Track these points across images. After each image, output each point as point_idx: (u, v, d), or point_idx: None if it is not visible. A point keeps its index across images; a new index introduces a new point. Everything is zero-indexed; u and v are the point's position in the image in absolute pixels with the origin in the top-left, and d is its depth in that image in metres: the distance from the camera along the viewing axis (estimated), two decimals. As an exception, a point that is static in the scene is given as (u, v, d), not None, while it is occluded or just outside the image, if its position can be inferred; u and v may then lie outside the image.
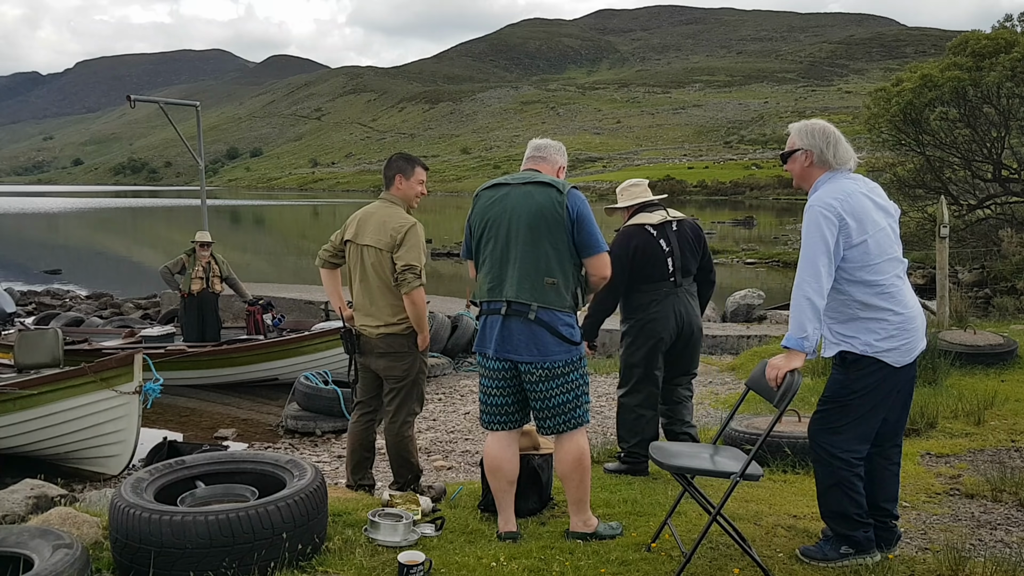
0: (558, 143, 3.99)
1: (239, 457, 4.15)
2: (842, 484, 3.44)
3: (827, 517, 3.56)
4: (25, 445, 6.68)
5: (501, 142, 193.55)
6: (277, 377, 9.40)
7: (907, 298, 3.43)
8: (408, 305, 4.43)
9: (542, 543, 3.76)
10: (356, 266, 4.58)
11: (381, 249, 4.45)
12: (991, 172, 19.64)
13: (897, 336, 3.37)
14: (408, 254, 4.40)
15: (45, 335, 8.62)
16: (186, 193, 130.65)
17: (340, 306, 4.75)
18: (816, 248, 3.31)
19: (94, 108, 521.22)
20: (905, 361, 3.41)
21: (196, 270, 10.23)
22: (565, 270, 3.66)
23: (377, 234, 4.48)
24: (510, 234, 3.69)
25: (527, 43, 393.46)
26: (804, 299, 3.30)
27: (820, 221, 3.32)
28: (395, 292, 4.46)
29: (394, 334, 4.49)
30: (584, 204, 3.70)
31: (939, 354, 7.20)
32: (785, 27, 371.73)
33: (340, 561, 3.55)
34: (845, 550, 3.47)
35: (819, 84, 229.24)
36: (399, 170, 4.67)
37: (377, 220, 4.53)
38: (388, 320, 4.49)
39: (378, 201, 4.69)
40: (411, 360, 4.54)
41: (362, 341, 4.59)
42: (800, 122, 3.63)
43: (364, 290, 4.55)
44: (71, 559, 3.08)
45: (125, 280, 23.96)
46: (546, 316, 3.62)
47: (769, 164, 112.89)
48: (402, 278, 4.39)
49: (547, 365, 3.64)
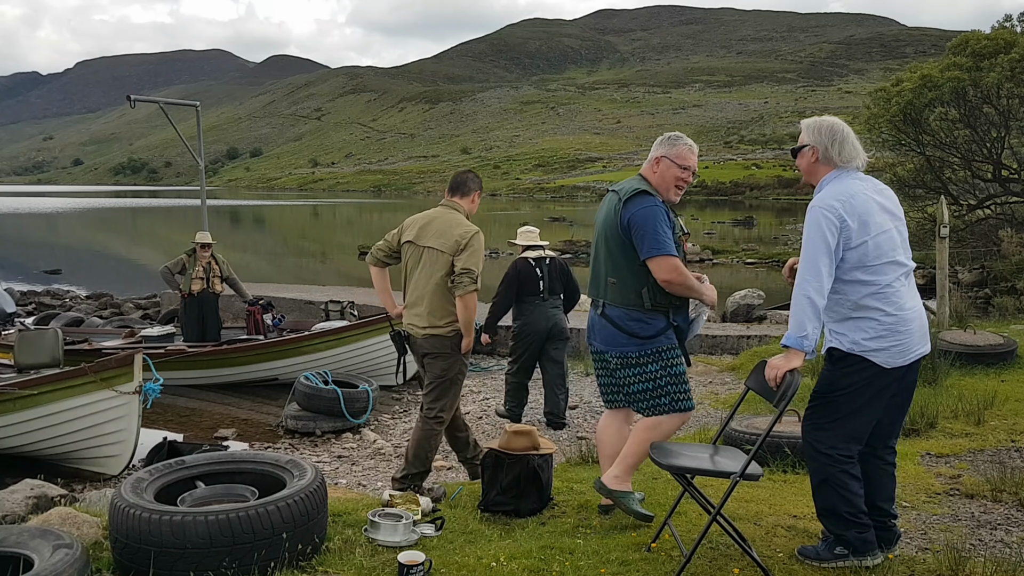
0: (674, 133, 4.08)
1: (239, 457, 4.15)
2: (830, 481, 3.44)
3: (820, 515, 3.56)
4: (25, 445, 6.67)
5: (501, 142, 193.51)
6: (277, 377, 9.39)
7: (905, 301, 3.40)
8: (460, 307, 4.60)
9: (542, 543, 3.76)
10: (414, 266, 4.76)
11: (443, 252, 4.64)
12: (991, 172, 19.65)
13: (887, 337, 3.36)
14: (469, 259, 4.61)
15: (45, 335, 8.62)
16: (186, 193, 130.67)
17: (390, 304, 4.99)
18: (817, 248, 3.31)
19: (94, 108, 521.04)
20: (897, 363, 3.38)
21: (196, 270, 10.22)
22: (625, 271, 3.86)
23: (440, 237, 4.67)
24: (596, 235, 4.09)
25: (527, 43, 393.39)
26: (805, 298, 3.30)
27: (821, 222, 3.32)
28: (448, 295, 4.63)
29: (439, 335, 4.68)
30: (640, 210, 3.78)
31: (939, 354, 7.20)
32: (785, 27, 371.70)
33: (340, 561, 3.55)
34: (840, 551, 3.46)
35: (819, 84, 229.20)
36: (478, 187, 4.98)
37: (440, 224, 4.73)
38: (435, 323, 4.67)
39: (440, 208, 4.86)
40: (452, 360, 4.72)
41: (410, 340, 4.80)
42: (812, 118, 3.61)
43: (419, 290, 4.72)
44: (71, 559, 3.08)
45: (125, 280, 23.96)
46: (612, 311, 3.91)
47: (769, 164, 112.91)
48: (459, 281, 4.58)
49: (618, 354, 3.91)
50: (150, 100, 13.57)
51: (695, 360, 9.54)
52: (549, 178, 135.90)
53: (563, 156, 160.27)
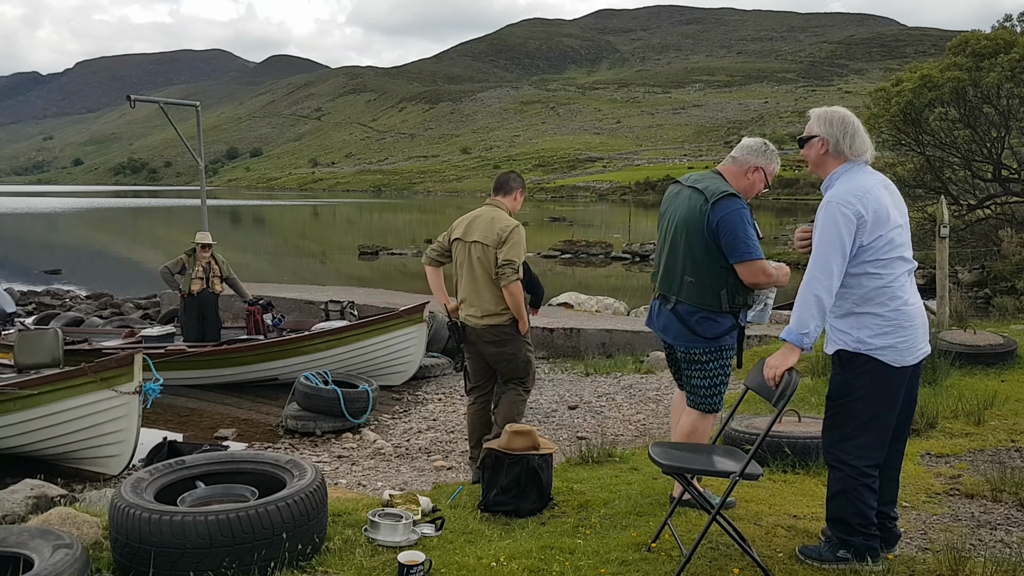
0: (761, 144, 4.11)
1: (239, 457, 4.15)
2: (849, 492, 3.40)
3: (829, 520, 3.54)
4: (25, 445, 6.67)
5: (501, 142, 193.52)
6: (277, 377, 9.39)
7: (908, 296, 3.38)
8: (507, 296, 4.96)
9: (542, 543, 3.76)
10: (464, 262, 5.10)
11: (488, 245, 5.00)
12: (991, 172, 19.64)
13: (892, 333, 3.33)
14: (510, 251, 4.95)
15: (45, 335, 8.61)
16: (186, 193, 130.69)
17: (444, 300, 5.30)
18: (831, 246, 3.26)
19: (94, 108, 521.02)
20: (905, 361, 3.36)
21: (196, 270, 10.22)
22: (703, 272, 3.89)
23: (485, 232, 5.03)
24: (668, 231, 4.06)
25: (527, 43, 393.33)
26: (812, 296, 3.27)
27: (838, 219, 3.26)
28: (495, 285, 4.99)
29: (497, 324, 5.03)
30: (731, 214, 3.81)
31: (939, 354, 7.19)
32: (785, 27, 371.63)
33: (340, 561, 3.55)
34: (842, 554, 3.45)
35: (819, 84, 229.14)
36: (520, 185, 5.37)
37: (484, 220, 5.09)
38: (491, 311, 5.02)
39: (485, 206, 5.23)
40: (516, 344, 5.10)
41: (468, 331, 5.12)
42: (821, 108, 3.56)
43: (471, 283, 5.07)
44: (71, 559, 3.08)
45: (125, 280, 23.96)
46: (683, 309, 3.97)
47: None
48: (502, 272, 4.93)
49: (685, 349, 4.01)
50: (150, 100, 13.56)
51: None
52: (549, 178, 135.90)
53: (563, 156, 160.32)
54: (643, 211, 65.71)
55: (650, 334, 10.41)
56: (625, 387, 8.59)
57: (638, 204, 79.64)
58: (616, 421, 7.33)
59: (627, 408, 7.74)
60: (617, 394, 8.29)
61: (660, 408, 7.59)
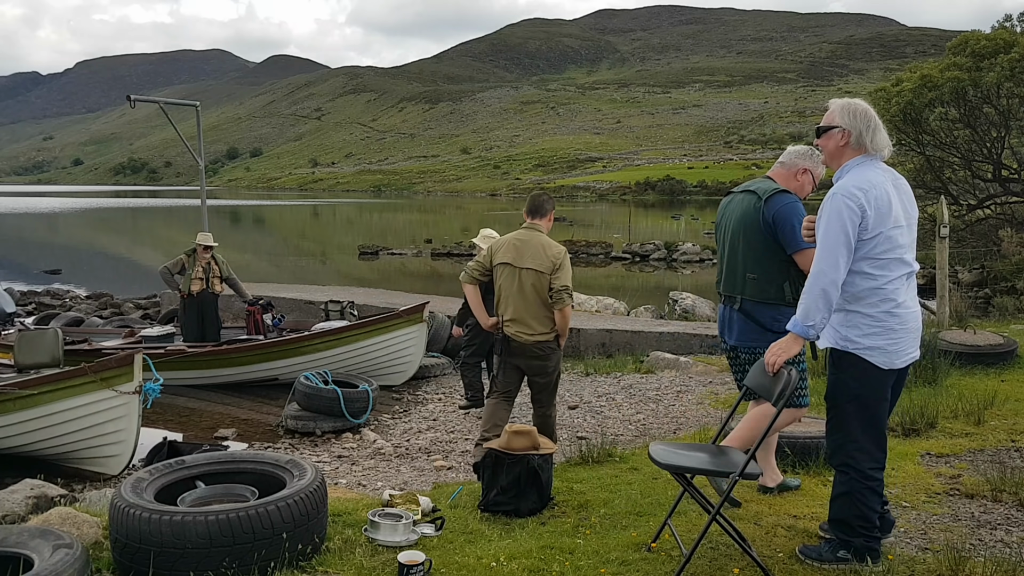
0: (808, 149, 4.31)
1: (239, 457, 4.15)
2: (854, 495, 3.41)
3: (832, 520, 3.54)
4: (25, 445, 6.67)
5: (501, 142, 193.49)
6: (277, 377, 9.39)
7: (902, 299, 3.36)
8: (559, 317, 5.33)
9: (542, 543, 3.76)
10: (513, 285, 5.38)
11: (542, 272, 5.29)
12: (991, 172, 19.64)
13: (880, 334, 3.32)
14: (564, 276, 5.31)
15: (45, 335, 8.61)
16: (186, 193, 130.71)
17: (484, 317, 5.62)
18: (837, 239, 3.26)
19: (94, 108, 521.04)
20: (893, 364, 3.36)
21: (196, 271, 10.21)
22: (767, 266, 4.08)
23: (538, 259, 5.32)
24: (725, 235, 4.32)
25: (527, 43, 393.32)
26: (820, 289, 3.27)
27: (843, 211, 3.26)
28: (547, 307, 5.33)
29: (543, 340, 5.39)
30: (784, 208, 4.02)
31: (939, 354, 7.19)
32: (785, 27, 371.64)
33: (340, 561, 3.55)
34: (843, 555, 3.45)
35: (819, 84, 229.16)
36: (552, 207, 5.68)
37: (534, 246, 5.37)
38: (541, 330, 5.37)
39: (525, 229, 5.50)
40: (556, 357, 5.50)
41: (513, 345, 5.43)
42: (843, 99, 3.53)
43: (522, 304, 5.36)
44: (71, 559, 3.08)
45: (125, 280, 23.96)
46: (750, 306, 4.14)
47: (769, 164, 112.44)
48: (557, 296, 5.27)
49: (748, 349, 4.16)
50: (150, 100, 13.55)
51: (694, 360, 9.54)
52: (549, 178, 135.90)
53: (563, 156, 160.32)
54: (643, 211, 65.78)
55: (650, 334, 10.42)
56: (625, 387, 8.59)
57: (638, 204, 79.69)
58: (616, 421, 7.33)
59: (627, 408, 7.73)
60: (617, 394, 8.29)
61: (660, 408, 7.59)
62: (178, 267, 10.28)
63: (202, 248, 10.27)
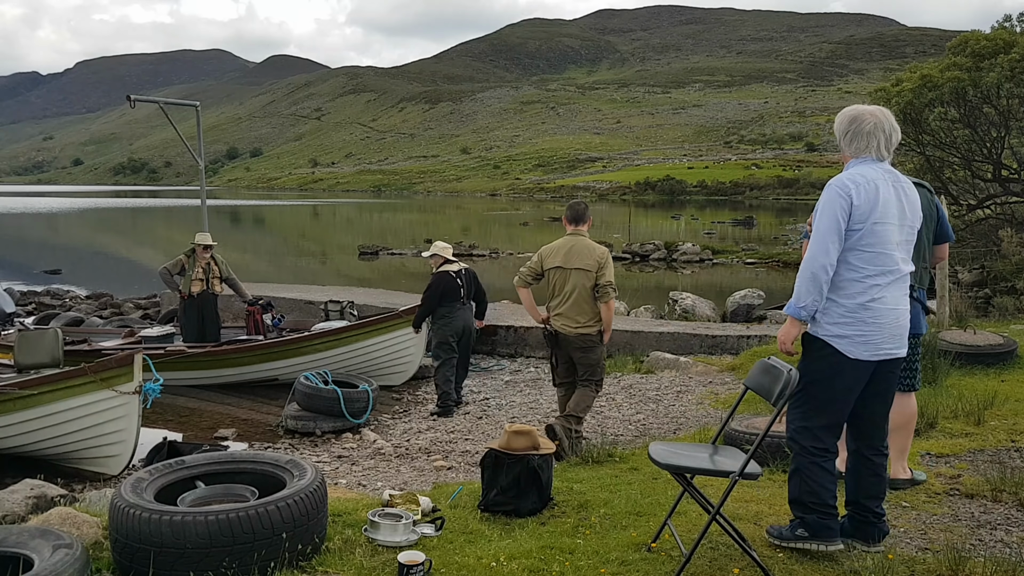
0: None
1: (239, 457, 4.15)
2: (801, 471, 3.55)
3: (789, 500, 3.68)
4: (25, 445, 6.67)
5: (501, 142, 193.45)
6: (277, 377, 9.39)
7: (881, 295, 3.43)
8: (604, 311, 5.93)
9: (542, 543, 3.76)
10: (564, 284, 6.00)
11: (589, 271, 5.91)
12: (991, 172, 19.63)
13: (850, 324, 3.43)
14: (608, 274, 5.93)
15: (45, 335, 8.61)
16: (186, 193, 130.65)
17: (537, 314, 6.24)
18: (829, 227, 3.40)
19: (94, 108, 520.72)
20: (860, 355, 3.43)
21: (196, 271, 10.19)
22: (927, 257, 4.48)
23: (585, 260, 5.95)
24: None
25: (527, 43, 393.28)
26: (810, 272, 3.42)
27: (835, 199, 3.41)
28: (592, 303, 5.93)
29: (587, 334, 5.96)
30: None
31: (939, 354, 7.19)
32: (785, 27, 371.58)
33: (340, 561, 3.56)
34: (800, 532, 3.58)
35: (819, 84, 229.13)
36: (590, 214, 6.34)
37: (580, 249, 6.01)
38: (585, 323, 5.95)
39: (570, 236, 6.16)
40: (599, 349, 6.09)
41: (560, 338, 6.03)
42: (845, 110, 3.69)
43: (570, 301, 5.96)
44: (71, 559, 3.08)
45: (125, 280, 23.95)
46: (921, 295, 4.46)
47: (769, 164, 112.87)
48: (603, 291, 5.89)
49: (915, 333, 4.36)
50: (150, 100, 13.55)
51: (694, 360, 9.54)
52: (549, 178, 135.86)
53: (563, 156, 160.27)
54: (643, 211, 65.74)
55: (650, 334, 10.42)
56: (625, 387, 8.59)
57: (638, 204, 79.69)
58: (616, 421, 7.33)
59: (627, 408, 7.74)
60: (617, 394, 8.29)
61: (660, 408, 7.59)
62: (177, 268, 10.26)
63: (201, 248, 10.26)
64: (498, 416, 7.88)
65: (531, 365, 10.52)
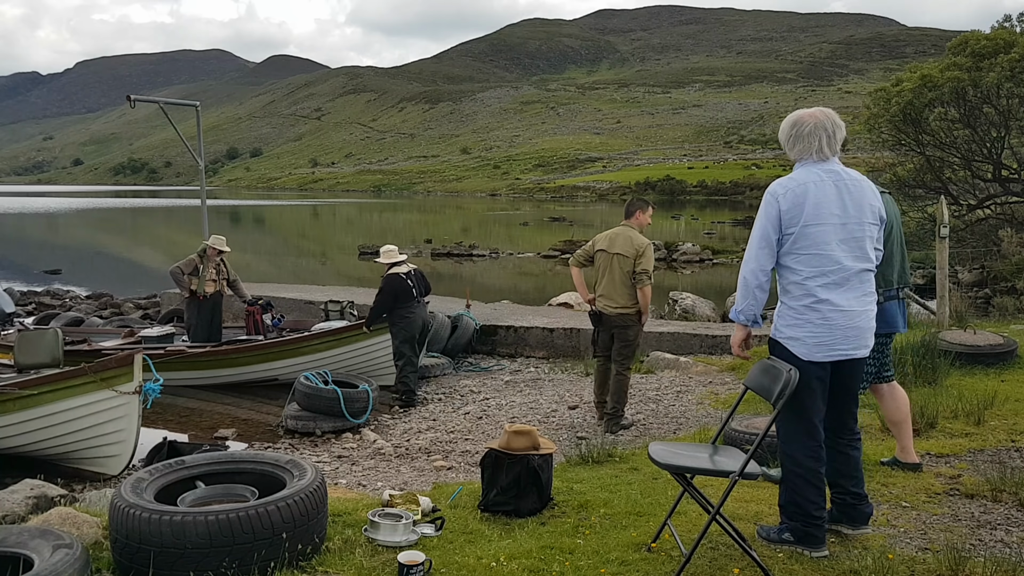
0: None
1: (239, 457, 4.15)
2: (788, 482, 3.60)
3: (779, 503, 3.72)
4: (25, 445, 6.67)
5: (501, 142, 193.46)
6: (277, 377, 9.39)
7: (826, 296, 3.42)
8: (640, 295, 6.70)
9: (542, 543, 3.76)
10: (607, 267, 6.77)
11: (627, 256, 6.65)
12: (991, 172, 19.62)
13: (799, 326, 3.47)
14: (645, 262, 6.63)
15: (45, 335, 8.61)
16: (186, 193, 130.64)
17: (585, 293, 7.05)
18: (755, 232, 3.53)
19: (94, 108, 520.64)
20: (813, 356, 3.45)
21: (210, 272, 10.26)
22: None
23: (626, 247, 6.69)
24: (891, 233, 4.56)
25: (527, 43, 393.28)
26: (742, 278, 3.56)
27: (764, 207, 3.53)
28: (630, 286, 6.69)
29: (626, 313, 6.76)
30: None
31: (939, 354, 7.19)
32: (785, 27, 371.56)
33: (340, 561, 3.56)
34: (786, 536, 3.62)
35: (819, 84, 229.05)
36: (639, 207, 6.99)
37: (624, 238, 6.75)
38: (624, 304, 6.74)
39: (621, 227, 6.88)
40: (636, 329, 6.88)
41: (604, 317, 6.84)
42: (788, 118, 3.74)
43: (610, 283, 6.76)
44: (71, 559, 3.08)
45: (125, 280, 23.96)
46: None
47: (769, 164, 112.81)
48: (639, 277, 6.63)
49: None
50: (150, 100, 13.56)
51: (694, 360, 9.54)
52: (549, 178, 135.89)
53: (563, 156, 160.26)
54: (643, 211, 65.54)
55: (649, 334, 10.41)
56: (625, 387, 8.58)
57: (638, 204, 79.40)
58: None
59: (627, 408, 7.73)
60: (617, 394, 8.27)
61: (660, 408, 7.59)
62: (191, 268, 10.27)
63: (215, 251, 10.31)
64: (498, 416, 7.87)
65: (531, 365, 10.52)
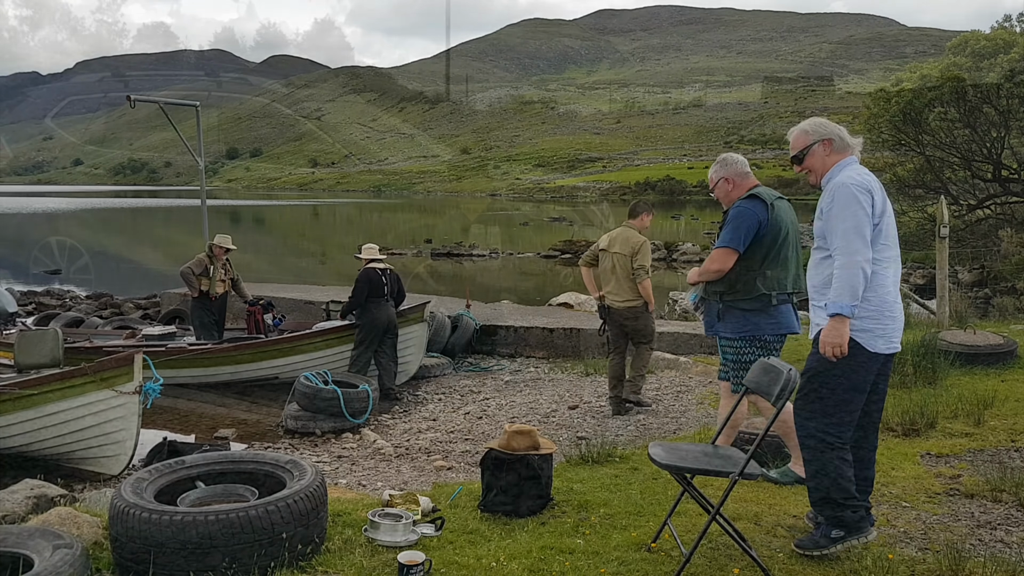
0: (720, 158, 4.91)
1: (239, 457, 4.15)
2: (826, 468, 3.50)
3: (814, 503, 3.62)
4: (25, 445, 6.67)
5: (501, 142, 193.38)
6: (277, 376, 9.40)
7: (888, 287, 3.50)
8: (641, 289, 7.12)
9: (542, 543, 3.76)
10: (609, 265, 7.22)
11: (625, 255, 7.10)
12: (991, 172, 19.63)
13: (871, 318, 3.46)
14: (642, 258, 7.07)
15: (45, 335, 8.61)
16: (186, 193, 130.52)
17: (593, 290, 7.46)
18: (860, 219, 3.40)
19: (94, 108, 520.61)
20: (877, 347, 3.46)
21: (219, 272, 10.30)
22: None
23: (624, 246, 7.14)
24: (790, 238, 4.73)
25: (527, 43, 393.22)
26: (858, 268, 3.37)
27: (858, 195, 3.42)
28: (631, 280, 7.11)
29: (633, 306, 7.18)
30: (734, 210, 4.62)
31: (939, 354, 7.19)
32: (785, 27, 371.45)
33: (340, 561, 3.56)
34: (836, 533, 3.51)
35: (819, 84, 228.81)
36: (644, 210, 7.37)
37: (623, 237, 7.19)
38: (628, 298, 7.17)
39: (622, 228, 7.28)
40: (646, 319, 7.29)
41: (612, 311, 7.27)
42: (799, 124, 3.73)
43: (614, 279, 7.18)
44: (71, 559, 3.08)
45: (125, 280, 23.95)
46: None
47: (769, 164, 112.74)
48: (637, 273, 7.07)
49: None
50: (150, 100, 13.55)
51: (695, 360, 9.54)
52: (549, 178, 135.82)
53: (563, 156, 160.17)
54: (643, 211, 65.50)
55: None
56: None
57: (638, 204, 79.36)
58: (616, 421, 7.33)
59: (627, 408, 7.72)
60: (617, 394, 8.27)
61: (660, 408, 7.58)
62: (201, 268, 10.28)
63: (222, 251, 10.34)
64: (498, 416, 7.87)
65: (531, 365, 10.52)
